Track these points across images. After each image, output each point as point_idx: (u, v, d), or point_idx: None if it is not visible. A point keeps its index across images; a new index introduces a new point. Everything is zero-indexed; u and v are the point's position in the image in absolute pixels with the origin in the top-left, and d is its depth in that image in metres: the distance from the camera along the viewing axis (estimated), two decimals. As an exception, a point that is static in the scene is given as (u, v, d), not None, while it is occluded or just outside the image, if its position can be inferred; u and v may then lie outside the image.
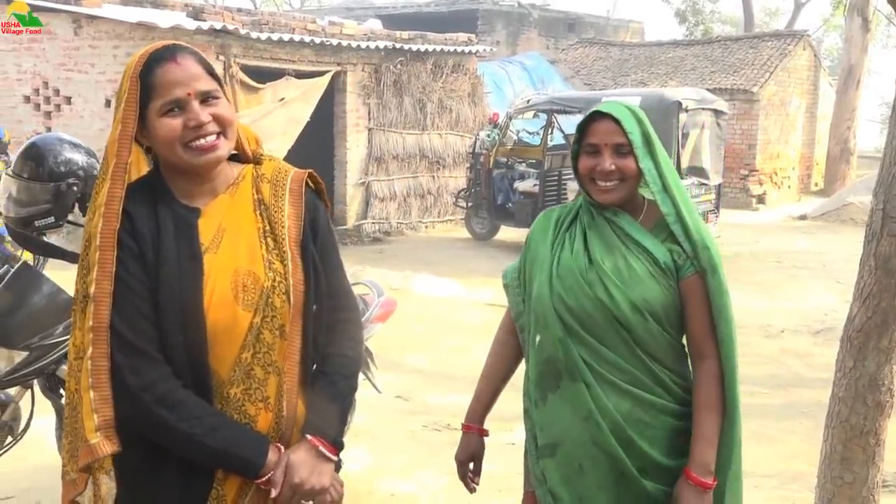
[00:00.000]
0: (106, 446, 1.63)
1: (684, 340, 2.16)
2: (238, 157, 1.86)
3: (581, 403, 2.07)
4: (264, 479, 1.71)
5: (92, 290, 1.64)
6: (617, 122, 2.06)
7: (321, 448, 1.77)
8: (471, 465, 2.36)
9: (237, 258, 1.75)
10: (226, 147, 1.76)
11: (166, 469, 1.71)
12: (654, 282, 2.04)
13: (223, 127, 1.74)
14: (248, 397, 1.74)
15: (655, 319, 2.05)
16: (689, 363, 2.16)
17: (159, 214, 1.73)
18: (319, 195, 1.92)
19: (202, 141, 1.71)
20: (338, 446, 1.82)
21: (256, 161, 1.87)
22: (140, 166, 1.74)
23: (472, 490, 2.38)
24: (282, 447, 1.76)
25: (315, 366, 1.88)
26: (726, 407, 2.05)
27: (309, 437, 1.78)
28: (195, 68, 1.72)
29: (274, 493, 1.72)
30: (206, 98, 1.73)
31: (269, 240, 1.79)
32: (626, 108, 2.10)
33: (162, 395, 1.65)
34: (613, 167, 2.06)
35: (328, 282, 1.87)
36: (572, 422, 2.09)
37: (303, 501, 1.76)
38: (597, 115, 2.09)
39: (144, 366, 1.66)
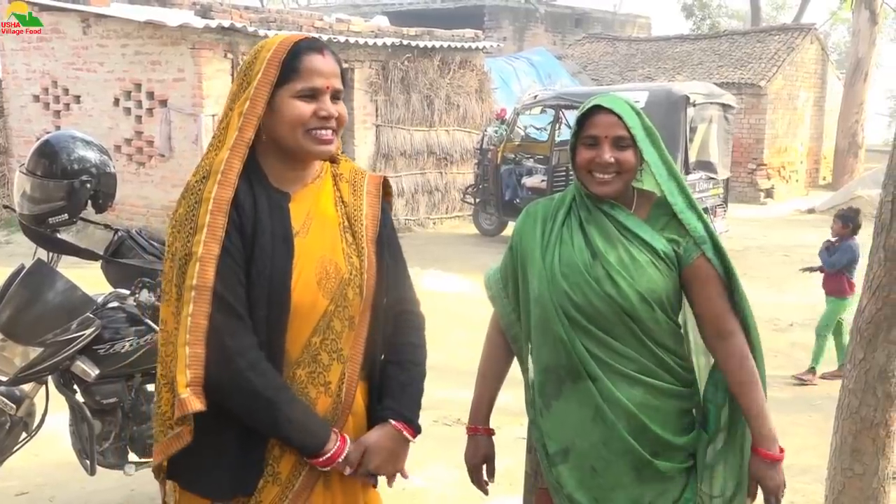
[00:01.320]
0: (194, 403, 1.66)
1: (681, 320, 2.19)
2: None
3: (587, 402, 2.09)
4: (322, 458, 1.77)
5: (199, 249, 1.69)
6: (618, 115, 2.08)
7: (404, 433, 1.87)
8: (484, 468, 2.34)
9: (323, 246, 1.83)
10: (335, 144, 1.84)
11: (228, 437, 1.75)
12: (656, 271, 2.07)
13: (339, 126, 1.83)
14: (312, 380, 1.80)
15: (661, 308, 2.08)
16: (686, 344, 2.22)
17: (255, 192, 1.79)
18: (387, 198, 2.01)
19: (323, 132, 1.79)
20: (417, 430, 1.90)
21: (333, 160, 1.94)
22: None
23: (486, 492, 2.35)
24: (337, 432, 1.82)
25: (384, 356, 1.97)
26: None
27: (393, 422, 1.87)
28: (336, 67, 1.82)
29: (348, 472, 1.80)
30: (335, 96, 1.81)
31: (348, 235, 1.88)
32: (625, 103, 2.12)
33: (253, 361, 1.71)
34: (612, 159, 2.08)
35: (396, 276, 1.97)
36: (580, 424, 2.11)
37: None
38: (596, 109, 2.11)
39: (241, 330, 1.71)
